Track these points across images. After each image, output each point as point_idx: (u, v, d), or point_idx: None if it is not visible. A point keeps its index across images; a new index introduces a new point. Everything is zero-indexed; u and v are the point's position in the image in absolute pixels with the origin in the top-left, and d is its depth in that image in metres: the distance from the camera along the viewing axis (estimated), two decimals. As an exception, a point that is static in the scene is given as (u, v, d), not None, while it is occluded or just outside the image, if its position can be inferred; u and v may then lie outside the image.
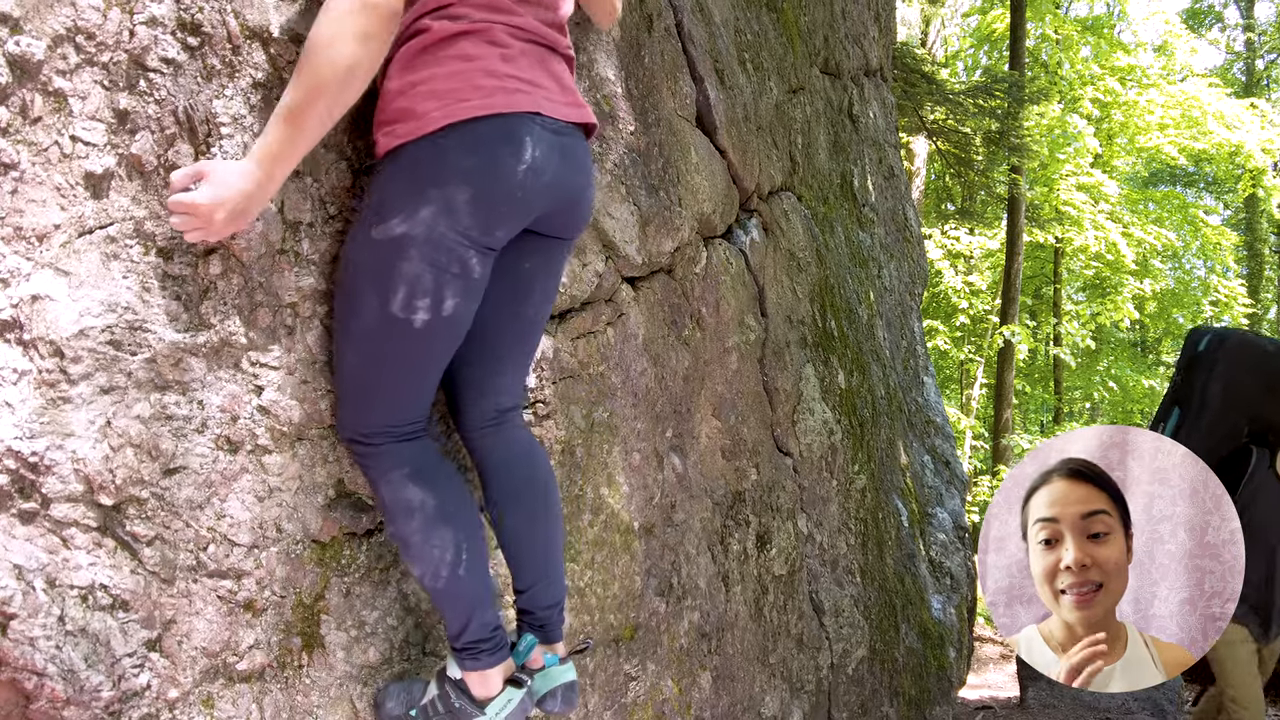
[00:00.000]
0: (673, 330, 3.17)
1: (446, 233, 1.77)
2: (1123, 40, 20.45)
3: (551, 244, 2.10)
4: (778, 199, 4.27)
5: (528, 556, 2.16)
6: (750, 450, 3.71)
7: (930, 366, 7.58)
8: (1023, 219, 15.79)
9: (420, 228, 1.75)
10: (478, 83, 1.78)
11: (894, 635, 5.03)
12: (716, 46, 3.61)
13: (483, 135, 1.78)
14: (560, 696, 2.20)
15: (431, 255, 1.77)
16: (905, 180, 7.84)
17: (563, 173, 1.94)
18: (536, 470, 2.18)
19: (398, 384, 1.89)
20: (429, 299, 1.79)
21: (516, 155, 1.82)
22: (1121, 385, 20.14)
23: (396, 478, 1.89)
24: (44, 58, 1.55)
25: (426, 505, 1.89)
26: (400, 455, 1.90)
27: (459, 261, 1.80)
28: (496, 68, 1.82)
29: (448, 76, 1.78)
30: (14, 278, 1.52)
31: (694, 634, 3.21)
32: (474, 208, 1.78)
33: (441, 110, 1.75)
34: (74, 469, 1.58)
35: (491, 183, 1.80)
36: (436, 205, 1.75)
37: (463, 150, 1.77)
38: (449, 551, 1.91)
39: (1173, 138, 18.03)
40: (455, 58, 1.79)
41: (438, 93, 1.76)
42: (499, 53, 1.84)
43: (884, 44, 7.55)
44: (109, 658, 1.62)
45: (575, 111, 1.99)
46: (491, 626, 2.00)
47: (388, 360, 1.85)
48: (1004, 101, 12.46)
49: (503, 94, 1.80)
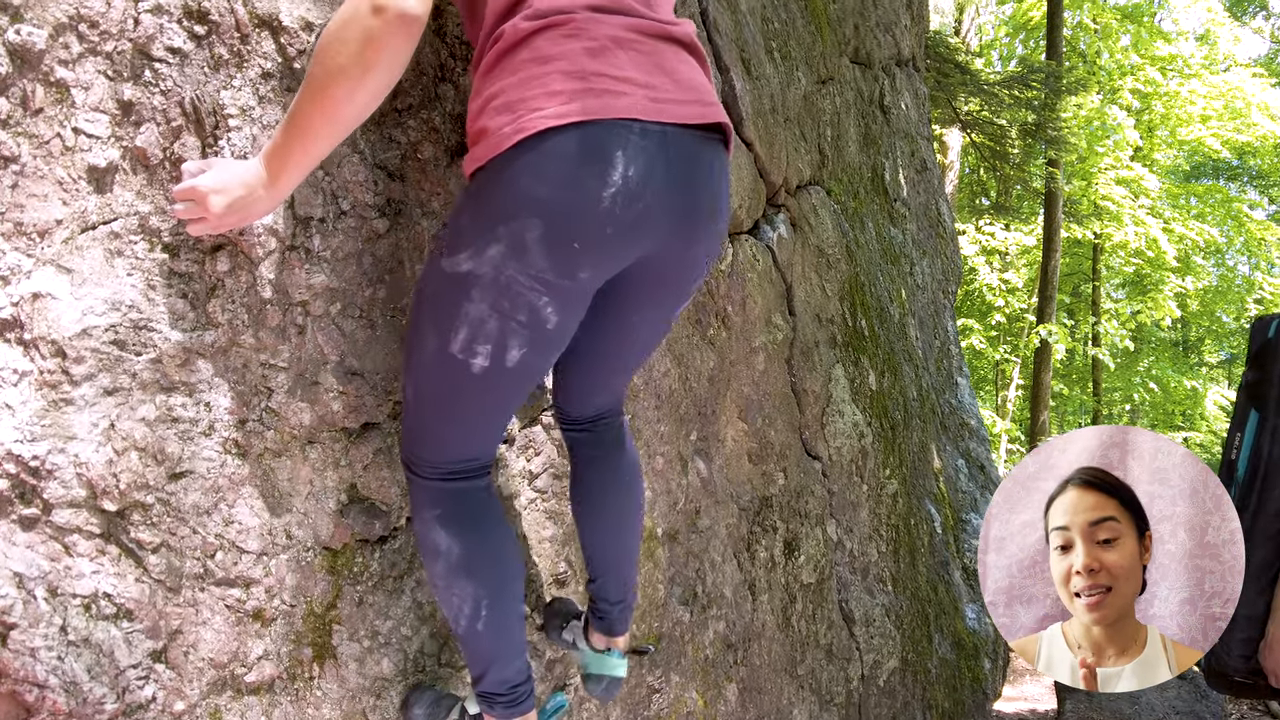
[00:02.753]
0: (697, 329, 3.14)
1: (516, 275, 1.57)
2: (1163, 29, 20.24)
3: (664, 297, 1.88)
4: (806, 193, 4.24)
5: (599, 551, 2.20)
6: (778, 454, 3.68)
7: (964, 367, 7.51)
8: (1060, 214, 15.65)
9: (486, 267, 1.57)
10: (553, 87, 1.54)
11: (927, 646, 4.99)
12: (743, 35, 3.57)
13: (556, 153, 1.52)
14: (605, 685, 2.24)
15: (495, 299, 1.59)
16: (938, 174, 7.78)
17: (674, 192, 1.63)
18: (620, 473, 2.18)
19: (447, 425, 1.79)
20: (490, 345, 1.64)
21: (601, 176, 1.54)
22: (1162, 386, 19.96)
23: (428, 517, 1.83)
24: (45, 47, 1.54)
25: (451, 553, 1.82)
26: (437, 496, 1.82)
27: (528, 309, 1.61)
28: (581, 66, 1.56)
29: (520, 84, 1.56)
30: (14, 275, 1.51)
31: (719, 644, 3.18)
32: (548, 247, 1.55)
33: (512, 125, 1.53)
34: (76, 473, 1.56)
35: (568, 215, 1.54)
36: (505, 243, 1.55)
37: (532, 174, 1.53)
38: (467, 604, 1.85)
39: (1215, 130, 17.84)
40: (530, 61, 1.57)
41: (510, 105, 1.55)
42: (582, 47, 1.58)
43: (916, 32, 7.49)
44: (113, 669, 1.60)
45: (694, 111, 1.67)
46: (510, 684, 1.93)
47: (440, 399, 1.74)
48: (1041, 92, 12.35)
49: (585, 97, 1.54)
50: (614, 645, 2.26)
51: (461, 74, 2.12)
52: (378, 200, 1.97)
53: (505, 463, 2.35)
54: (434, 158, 2.07)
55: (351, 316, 1.93)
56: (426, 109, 2.06)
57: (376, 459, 2.01)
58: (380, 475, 2.01)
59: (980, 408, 9.30)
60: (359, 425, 1.98)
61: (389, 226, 1.99)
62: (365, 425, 1.99)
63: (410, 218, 2.03)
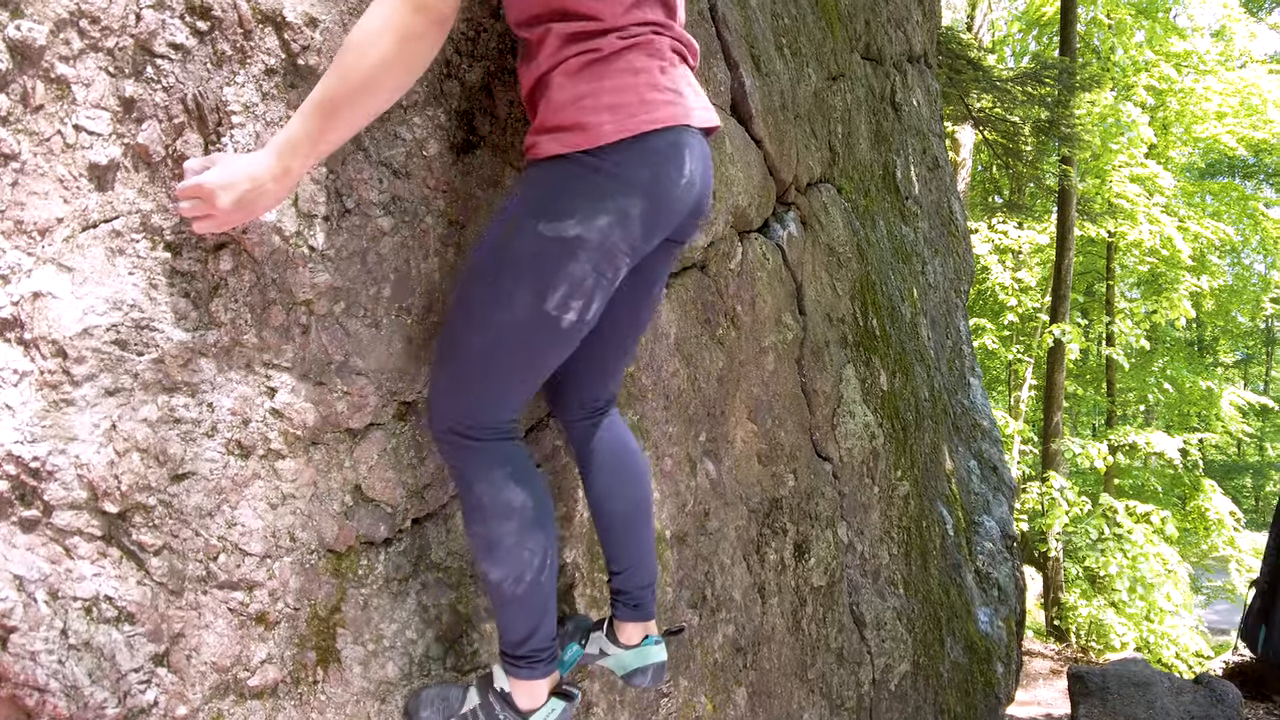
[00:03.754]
0: (706, 329, 3.13)
1: (619, 242, 1.86)
2: (1178, 24, 20.16)
3: (672, 248, 2.19)
4: (816, 191, 4.22)
5: (625, 539, 2.29)
6: (788, 455, 3.67)
7: (977, 367, 7.49)
8: (1074, 212, 15.59)
9: (595, 234, 1.83)
10: (646, 97, 1.87)
11: (939, 649, 4.97)
12: (752, 31, 3.56)
13: (654, 149, 1.87)
14: (651, 674, 2.33)
15: (598, 260, 1.85)
16: (950, 171, 7.75)
17: (704, 181, 2.04)
18: (633, 458, 2.32)
19: (523, 379, 1.95)
20: (582, 301, 1.87)
21: (680, 169, 1.92)
22: (1177, 387, 19.87)
23: (499, 477, 1.92)
24: (46, 43, 1.53)
25: (526, 508, 1.94)
26: (504, 453, 1.94)
27: (615, 269, 1.90)
28: (659, 80, 1.91)
29: (617, 90, 1.85)
30: (14, 274, 1.51)
31: (729, 648, 3.17)
32: (645, 220, 1.89)
33: (615, 124, 1.82)
34: (77, 475, 1.56)
35: (661, 196, 1.90)
36: (614, 215, 1.84)
37: (638, 164, 1.85)
38: (538, 556, 1.97)
39: (1231, 127, 17.74)
40: (623, 71, 1.87)
41: (610, 106, 1.84)
42: (658, 65, 1.93)
43: (928, 28, 7.47)
44: (114, 673, 1.60)
45: (709, 116, 2.06)
46: (552, 636, 2.06)
47: (523, 354, 1.91)
48: (1054, 89, 12.31)
49: (668, 107, 1.89)
50: (650, 632, 2.34)
51: (467, 71, 2.12)
52: (382, 198, 1.96)
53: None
54: (439, 154, 2.07)
55: (356, 315, 1.92)
56: (432, 106, 2.05)
57: (381, 460, 2.00)
58: (385, 476, 2.01)
59: (993, 408, 9.29)
60: (364, 426, 1.97)
61: (394, 224, 1.98)
62: (370, 426, 1.99)
63: (415, 215, 2.02)
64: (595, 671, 2.57)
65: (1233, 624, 17.22)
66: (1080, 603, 14.46)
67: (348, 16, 1.88)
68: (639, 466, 2.33)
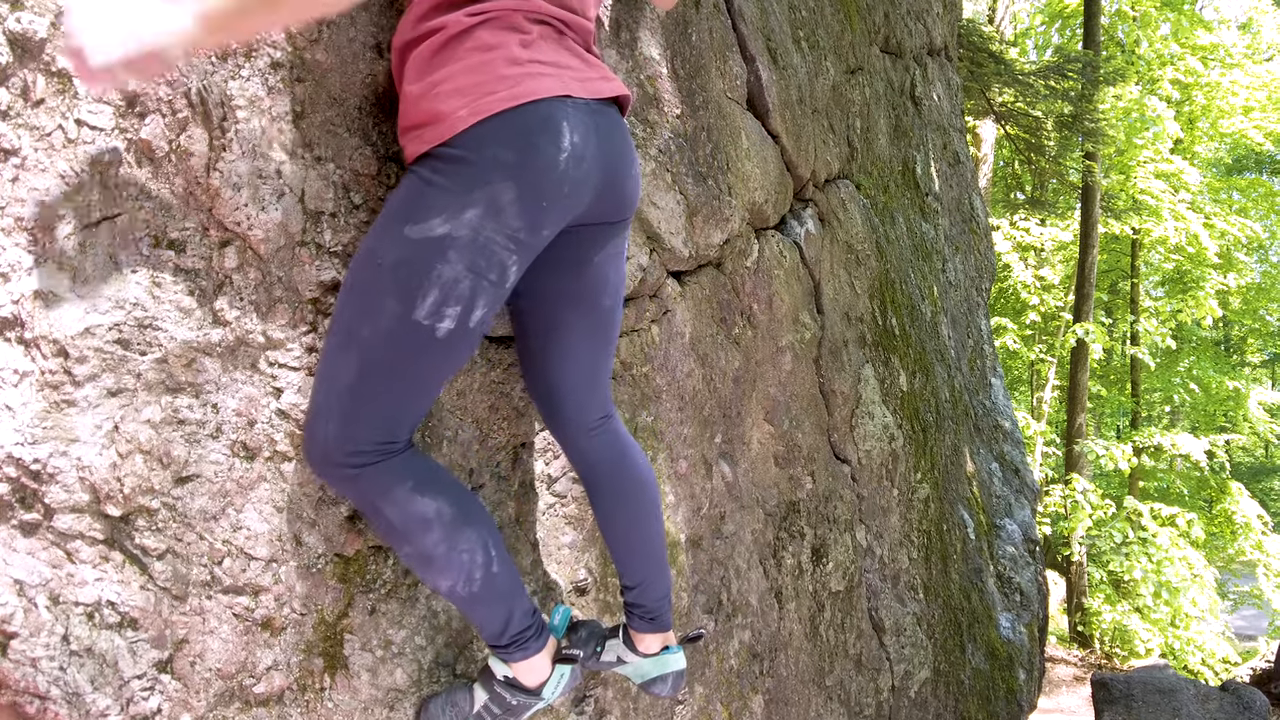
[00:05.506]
0: (722, 328, 3.12)
1: (493, 235, 1.74)
2: (1204, 16, 20.08)
3: (610, 229, 2.08)
4: (835, 187, 4.20)
5: (639, 552, 2.23)
6: (805, 457, 3.65)
7: (998, 367, 7.46)
8: (1097, 209, 15.54)
9: (464, 229, 1.71)
10: (501, 73, 1.76)
11: (959, 656, 4.95)
12: (769, 24, 3.55)
13: (517, 127, 1.75)
14: (670, 681, 2.30)
15: (472, 259, 1.73)
16: (971, 167, 7.73)
17: (604, 154, 1.91)
18: (640, 468, 2.24)
19: (402, 399, 1.80)
20: (459, 307, 1.74)
21: (555, 143, 1.78)
22: (1203, 387, 19.80)
23: (401, 494, 1.79)
24: (47, 36, 1.53)
25: (443, 512, 1.82)
26: (399, 469, 1.80)
27: (499, 267, 1.77)
28: (517, 54, 1.79)
29: (468, 71, 1.76)
30: (15, 272, 1.50)
31: (745, 654, 3.16)
32: (521, 206, 1.76)
33: (469, 108, 1.72)
34: (79, 477, 1.55)
35: (535, 176, 1.77)
36: (481, 206, 1.72)
37: (500, 145, 1.73)
38: (478, 552, 1.87)
39: (1258, 121, 17.68)
40: (473, 50, 1.77)
41: (462, 89, 1.74)
42: (517, 38, 1.81)
43: (949, 21, 7.44)
44: (116, 680, 1.59)
45: (606, 85, 1.96)
46: (531, 611, 2.02)
47: (399, 370, 1.76)
48: (1077, 83, 12.27)
49: (529, 80, 1.77)
50: (669, 642, 2.30)
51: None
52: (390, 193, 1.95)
53: (523, 466, 2.34)
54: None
55: (364, 315, 1.91)
56: (441, 100, 2.04)
57: (389, 462, 1.99)
58: (393, 479, 2.00)
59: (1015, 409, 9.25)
60: (371, 427, 1.96)
61: (402, 221, 1.97)
62: (378, 427, 1.97)
63: (424, 212, 2.01)
64: (608, 678, 2.56)
65: (1260, 630, 17.14)
66: (1104, 608, 14.42)
67: (355, 10, 1.88)
68: (645, 480, 2.24)
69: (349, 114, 1.90)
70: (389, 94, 1.93)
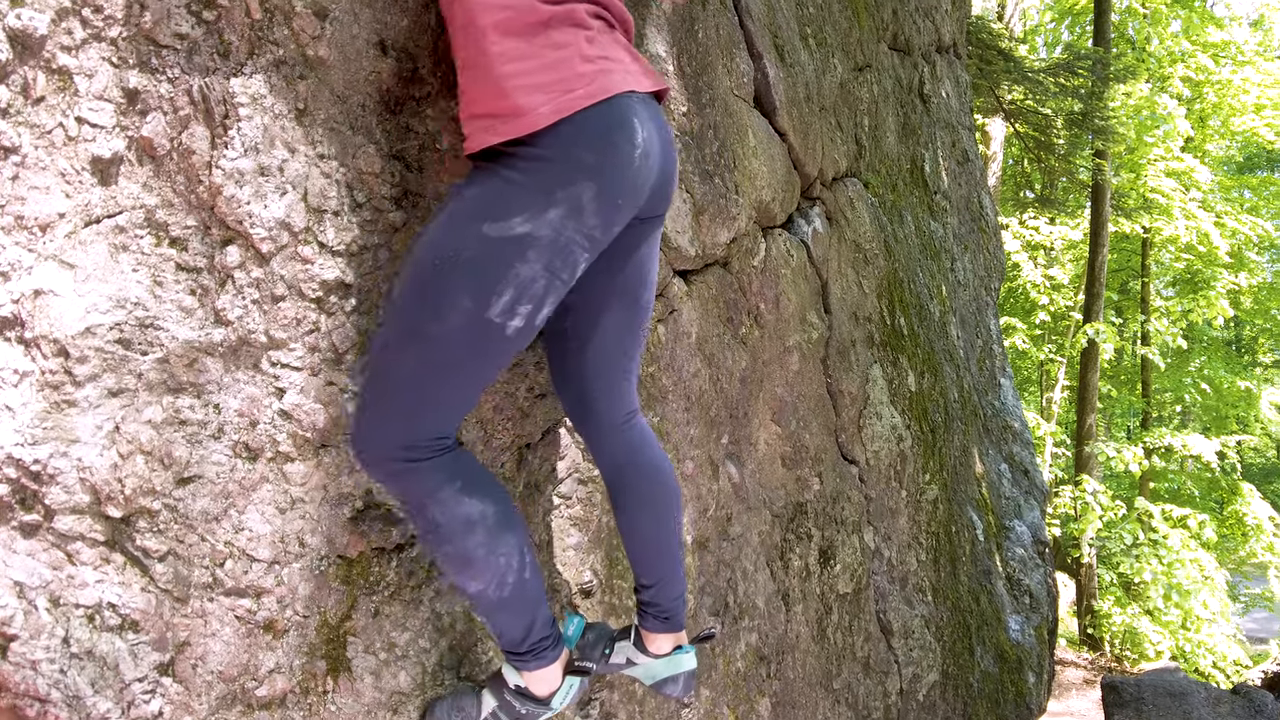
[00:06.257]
0: (729, 328, 3.11)
1: (573, 235, 1.76)
2: (1215, 13, 20.03)
3: (654, 223, 2.10)
4: (842, 186, 4.19)
5: (657, 552, 2.23)
6: (812, 458, 3.64)
7: (1007, 367, 7.44)
8: (1108, 207, 15.49)
9: (546, 229, 1.73)
10: (578, 69, 1.77)
11: (968, 658, 4.93)
12: (776, 20, 3.54)
13: (597, 125, 1.77)
14: (682, 682, 2.30)
15: (550, 259, 1.75)
16: (980, 165, 7.71)
17: (663, 148, 1.94)
18: (664, 464, 2.24)
19: (464, 394, 1.84)
20: (531, 305, 1.77)
21: (631, 140, 1.81)
22: (1215, 388, 19.71)
23: (449, 494, 1.80)
24: (47, 32, 1.52)
25: (488, 515, 1.84)
26: (449, 469, 1.81)
27: (572, 267, 1.80)
28: (587, 51, 1.81)
29: (545, 68, 1.76)
30: (15, 271, 1.50)
31: (752, 657, 3.15)
32: (599, 204, 1.78)
33: (550, 105, 1.73)
34: (79, 478, 1.55)
35: (614, 175, 1.79)
36: (564, 206, 1.74)
37: (582, 144, 1.75)
38: (515, 556, 1.89)
39: (1270, 119, 17.60)
40: (547, 46, 1.77)
41: (541, 85, 1.74)
42: (584, 35, 1.83)
43: (958, 18, 7.43)
44: (117, 682, 1.59)
45: (654, 80, 1.98)
46: (551, 621, 2.03)
47: (464, 367, 1.79)
48: (1087, 80, 12.23)
49: (602, 77, 1.79)
50: (681, 642, 2.30)
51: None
52: (394, 192, 1.94)
53: (527, 467, 2.33)
54: (453, 148, 2.05)
55: (367, 314, 1.91)
56: (445, 98, 2.04)
57: (393, 463, 1.98)
58: (397, 480, 1.99)
59: (1024, 410, 9.23)
60: (375, 428, 1.95)
61: (406, 219, 1.97)
62: (381, 428, 1.97)
63: (428, 210, 2.01)
64: (615, 681, 2.55)
65: (1271, 633, 17.10)
66: (1114, 610, 14.37)
67: (359, 7, 1.87)
68: (668, 476, 2.24)
69: (352, 111, 1.89)
70: (393, 92, 1.93)
